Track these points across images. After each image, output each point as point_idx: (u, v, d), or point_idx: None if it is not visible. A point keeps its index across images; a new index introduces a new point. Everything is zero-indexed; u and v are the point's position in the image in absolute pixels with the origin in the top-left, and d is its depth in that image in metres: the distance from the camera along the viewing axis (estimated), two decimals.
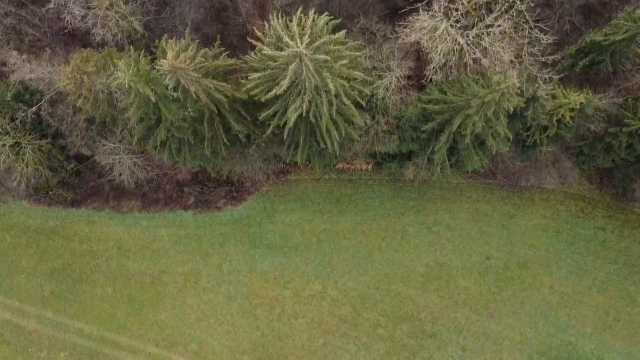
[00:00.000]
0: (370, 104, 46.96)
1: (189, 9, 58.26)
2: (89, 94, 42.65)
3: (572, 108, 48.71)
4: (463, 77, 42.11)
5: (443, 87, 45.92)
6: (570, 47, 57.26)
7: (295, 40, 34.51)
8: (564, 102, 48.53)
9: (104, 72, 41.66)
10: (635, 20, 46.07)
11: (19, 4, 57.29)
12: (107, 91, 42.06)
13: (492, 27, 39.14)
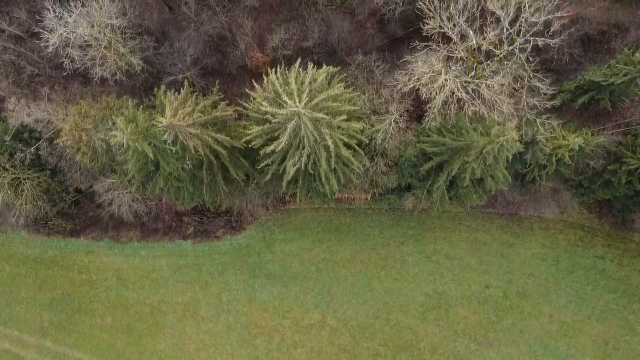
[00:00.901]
0: (369, 147, 46.91)
1: (188, 44, 58.27)
2: (88, 149, 42.63)
3: (572, 149, 48.61)
4: (462, 123, 42.07)
5: (442, 130, 45.88)
6: (569, 82, 57.29)
7: (294, 99, 34.45)
8: (563, 144, 48.46)
9: (102, 127, 41.60)
10: (635, 64, 46.00)
11: (17, 39, 57.28)
12: (106, 146, 42.07)
13: (491, 80, 39.05)
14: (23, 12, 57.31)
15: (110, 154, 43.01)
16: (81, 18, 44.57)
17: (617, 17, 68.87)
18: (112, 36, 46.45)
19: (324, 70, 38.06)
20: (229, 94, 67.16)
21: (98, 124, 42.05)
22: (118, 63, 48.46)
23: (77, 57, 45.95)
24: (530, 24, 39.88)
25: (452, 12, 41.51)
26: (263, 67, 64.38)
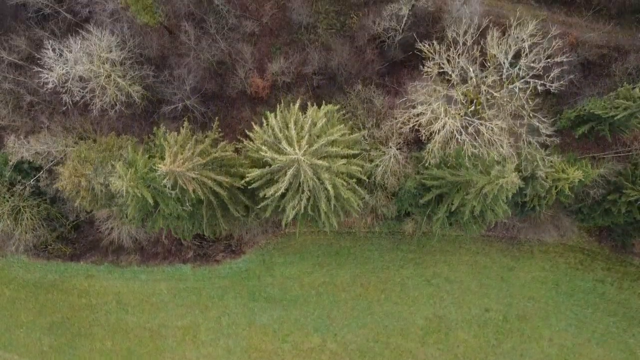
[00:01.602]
0: (369, 181, 46.87)
1: (188, 71, 58.19)
2: (87, 194, 42.63)
3: (571, 182, 48.57)
4: (461, 160, 42.00)
5: (441, 165, 45.82)
6: (569, 110, 57.24)
7: (293, 145, 34.40)
8: (563, 177, 48.41)
9: (101, 170, 41.60)
10: (635, 98, 45.94)
11: (16, 67, 57.23)
12: (105, 190, 42.08)
13: (490, 123, 39.03)
14: (22, 39, 57.33)
15: (109, 196, 42.98)
16: (81, 51, 44.50)
17: (617, 40, 68.95)
18: (111, 69, 46.36)
19: (323, 109, 38.04)
20: (229, 117, 67.33)
21: (97, 166, 42.01)
22: (117, 95, 48.40)
23: (76, 92, 45.87)
24: (529, 67, 39.71)
25: (452, 55, 41.39)
26: (262, 91, 64.48)
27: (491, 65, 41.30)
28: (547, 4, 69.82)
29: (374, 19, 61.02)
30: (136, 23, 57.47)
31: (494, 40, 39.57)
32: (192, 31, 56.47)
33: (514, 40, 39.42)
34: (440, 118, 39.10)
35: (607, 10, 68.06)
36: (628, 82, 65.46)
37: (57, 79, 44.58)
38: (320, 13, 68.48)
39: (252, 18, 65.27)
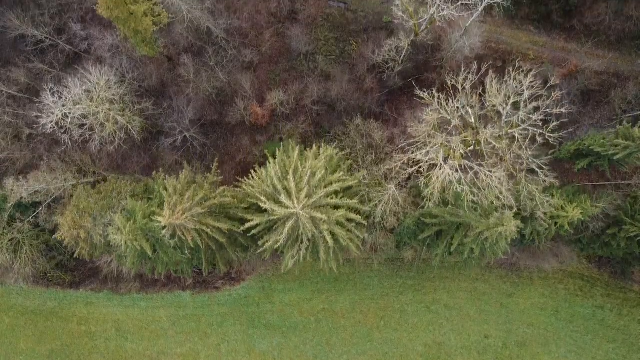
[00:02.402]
0: (368, 221, 46.84)
1: (187, 102, 58.15)
2: (86, 245, 42.62)
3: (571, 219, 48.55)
4: (461, 203, 41.96)
5: (440, 204, 45.74)
6: (568, 143, 57.15)
7: (292, 199, 34.36)
8: (562, 215, 48.38)
9: (100, 220, 41.59)
10: (634, 139, 45.88)
11: (15, 100, 57.18)
12: (105, 241, 42.03)
13: (489, 172, 39.01)
14: (21, 72, 57.27)
15: (108, 245, 42.95)
16: (80, 90, 44.43)
17: (616, 66, 68.89)
18: (109, 108, 46.31)
19: (323, 153, 37.93)
20: (228, 145, 67.21)
21: (96, 216, 41.99)
22: (116, 132, 48.37)
23: (75, 132, 45.80)
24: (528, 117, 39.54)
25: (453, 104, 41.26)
26: (262, 119, 64.38)
27: (490, 112, 41.24)
28: (546, 31, 69.84)
29: (374, 49, 60.99)
30: (135, 54, 57.41)
31: (493, 89, 39.48)
32: (191, 64, 56.43)
33: (512, 91, 39.34)
34: (439, 164, 39.05)
35: (607, 37, 68.04)
36: (624, 106, 65.93)
37: (56, 122, 44.48)
38: (320, 40, 68.50)
39: (252, 46, 65.19)
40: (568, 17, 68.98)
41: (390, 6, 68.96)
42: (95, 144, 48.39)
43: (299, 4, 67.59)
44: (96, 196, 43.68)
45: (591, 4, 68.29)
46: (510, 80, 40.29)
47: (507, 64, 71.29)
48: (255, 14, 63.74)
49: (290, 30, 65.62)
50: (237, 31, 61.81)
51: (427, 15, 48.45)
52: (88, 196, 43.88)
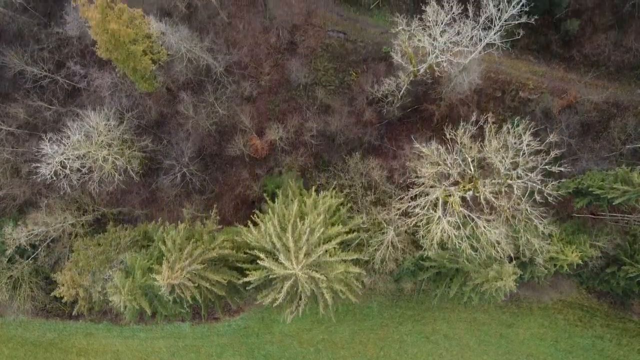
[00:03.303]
0: (367, 266, 46.85)
1: (186, 137, 58.17)
2: (85, 302, 42.63)
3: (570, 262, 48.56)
4: (460, 252, 41.94)
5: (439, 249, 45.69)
6: (568, 180, 57.06)
7: (291, 259, 34.37)
8: (561, 258, 48.38)
9: (99, 276, 41.60)
10: (633, 184, 45.84)
11: (14, 136, 57.21)
12: (104, 298, 42.01)
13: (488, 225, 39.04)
14: (20, 107, 57.31)
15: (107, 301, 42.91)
16: (78, 137, 44.48)
17: (615, 96, 68.84)
18: (108, 152, 46.36)
19: (321, 212, 37.91)
20: (228, 177, 67.12)
21: (95, 272, 42.00)
22: (115, 175, 48.42)
23: (74, 177, 45.81)
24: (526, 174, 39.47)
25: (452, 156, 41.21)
26: (261, 152, 64.39)
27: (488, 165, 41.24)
28: (545, 60, 69.82)
29: (373, 83, 60.99)
30: (134, 91, 57.47)
31: (491, 147, 39.45)
32: (189, 100, 56.44)
33: (511, 146, 39.34)
34: (437, 217, 39.07)
35: (606, 68, 68.03)
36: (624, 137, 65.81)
37: (54, 171, 44.50)
38: (319, 70, 68.57)
39: (251, 76, 65.18)
40: (567, 47, 69.01)
41: (389, 37, 69.38)
42: (95, 186, 48.41)
43: (299, 35, 67.65)
44: (95, 249, 43.65)
45: (590, 34, 68.35)
46: (509, 137, 40.24)
47: (506, 94, 71.55)
48: (255, 46, 63.77)
49: (290, 61, 65.68)
50: (236, 65, 61.81)
51: (426, 62, 48.40)
52: (87, 248, 43.85)
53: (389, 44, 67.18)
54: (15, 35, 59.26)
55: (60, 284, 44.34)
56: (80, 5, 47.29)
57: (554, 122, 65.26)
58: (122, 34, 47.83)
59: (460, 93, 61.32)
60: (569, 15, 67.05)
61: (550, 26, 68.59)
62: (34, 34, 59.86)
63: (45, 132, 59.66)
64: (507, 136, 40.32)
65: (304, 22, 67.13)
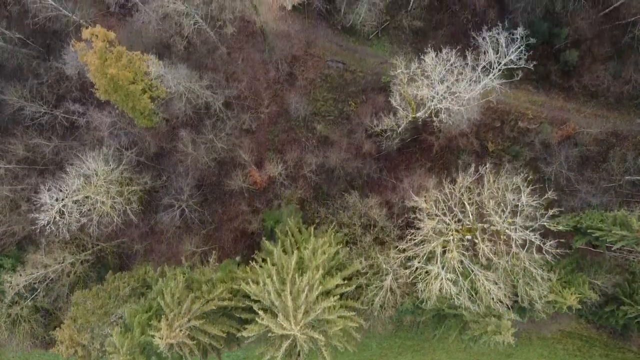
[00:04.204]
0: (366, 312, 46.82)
1: (186, 174, 58.17)
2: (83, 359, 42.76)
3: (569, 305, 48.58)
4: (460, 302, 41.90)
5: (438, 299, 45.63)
6: (567, 216, 57.11)
7: (290, 319, 34.39)
8: (560, 301, 48.38)
9: (99, 332, 41.65)
10: (631, 229, 45.85)
11: (13, 173, 57.21)
12: (102, 355, 42.04)
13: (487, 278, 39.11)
14: (20, 144, 57.30)
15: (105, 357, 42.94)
16: (76, 186, 44.53)
17: (615, 125, 68.90)
18: (107, 196, 46.43)
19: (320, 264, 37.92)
20: (227, 209, 67.12)
21: (94, 328, 42.03)
22: (115, 218, 48.47)
23: (73, 221, 45.82)
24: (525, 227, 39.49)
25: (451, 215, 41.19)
26: (260, 184, 64.40)
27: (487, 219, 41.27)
28: (545, 90, 69.85)
29: (372, 118, 60.98)
30: (133, 127, 57.51)
31: (490, 204, 39.46)
32: (188, 137, 56.43)
33: (509, 203, 39.40)
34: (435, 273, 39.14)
35: (605, 99, 68.09)
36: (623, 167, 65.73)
37: (52, 218, 44.55)
38: (318, 100, 68.62)
39: (251, 108, 65.15)
40: (566, 77, 69.03)
41: (388, 67, 69.34)
42: (94, 228, 48.45)
43: (298, 65, 67.65)
44: (94, 302, 43.62)
45: (589, 64, 68.35)
46: (508, 194, 40.23)
47: (505, 124, 71.54)
48: (254, 79, 63.78)
49: (289, 92, 65.72)
50: (235, 98, 61.85)
51: (425, 108, 48.44)
52: (85, 301, 43.84)
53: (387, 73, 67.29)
54: (14, 70, 59.24)
55: (59, 341, 44.42)
56: (79, 50, 47.34)
57: (553, 154, 65.32)
58: (121, 77, 47.84)
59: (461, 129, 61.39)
60: (568, 46, 67.11)
61: (550, 56, 68.64)
62: (33, 68, 59.90)
63: (45, 166, 60.01)
64: (506, 192, 40.34)
65: (303, 53, 67.12)
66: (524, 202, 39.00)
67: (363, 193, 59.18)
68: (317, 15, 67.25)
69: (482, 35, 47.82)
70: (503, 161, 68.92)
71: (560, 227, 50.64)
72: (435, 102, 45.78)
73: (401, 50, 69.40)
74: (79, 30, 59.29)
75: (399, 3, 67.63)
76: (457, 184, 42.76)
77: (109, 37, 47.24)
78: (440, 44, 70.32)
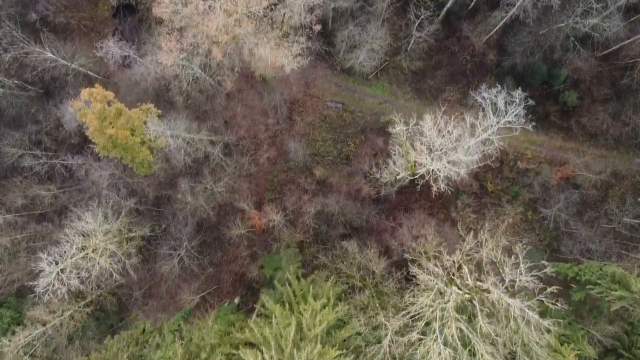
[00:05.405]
0: None
1: (185, 223, 58.28)
2: None
3: None
4: None
5: None
6: (565, 265, 57.14)
7: None
8: (560, 358, 48.47)
9: None
10: (630, 289, 45.94)
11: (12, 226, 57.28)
12: None
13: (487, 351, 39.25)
14: (18, 194, 57.35)
15: None
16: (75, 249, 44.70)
17: (614, 165, 68.94)
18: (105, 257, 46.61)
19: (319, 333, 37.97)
20: (226, 253, 67.15)
21: None
22: (114, 275, 48.61)
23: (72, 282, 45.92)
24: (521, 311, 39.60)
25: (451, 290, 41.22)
26: (259, 228, 64.47)
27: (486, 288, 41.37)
28: (544, 129, 69.91)
29: (371, 165, 61.08)
30: (133, 174, 57.58)
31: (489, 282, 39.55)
32: (188, 186, 56.53)
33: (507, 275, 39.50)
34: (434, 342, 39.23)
35: (605, 140, 68.15)
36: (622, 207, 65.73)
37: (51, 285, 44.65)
38: (317, 140, 68.70)
39: (250, 153, 65.28)
40: (566, 117, 69.10)
41: (387, 107, 69.55)
42: (92, 286, 48.56)
43: (297, 107, 67.77)
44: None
45: (589, 105, 68.40)
46: (506, 268, 40.31)
47: (505, 164, 71.57)
48: (253, 125, 63.84)
49: (289, 133, 65.84)
50: (234, 144, 61.93)
51: (423, 170, 48.53)
52: None
53: (387, 113, 67.35)
54: (13, 117, 59.29)
55: None
56: (78, 110, 47.39)
57: (552, 197, 65.34)
58: (120, 136, 47.93)
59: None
60: (567, 88, 67.17)
61: (549, 97, 68.76)
62: (32, 115, 59.92)
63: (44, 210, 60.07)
64: (505, 267, 40.42)
65: (302, 94, 67.20)
66: (523, 279, 39.09)
67: (361, 238, 59.22)
68: (317, 56, 67.32)
69: (481, 94, 47.90)
70: (502, 201, 69.04)
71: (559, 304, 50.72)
72: (435, 171, 46.07)
73: (400, 90, 69.56)
74: (78, 76, 59.61)
75: (398, 44, 67.65)
76: (455, 255, 42.85)
77: (108, 98, 47.33)
78: (439, 83, 70.85)
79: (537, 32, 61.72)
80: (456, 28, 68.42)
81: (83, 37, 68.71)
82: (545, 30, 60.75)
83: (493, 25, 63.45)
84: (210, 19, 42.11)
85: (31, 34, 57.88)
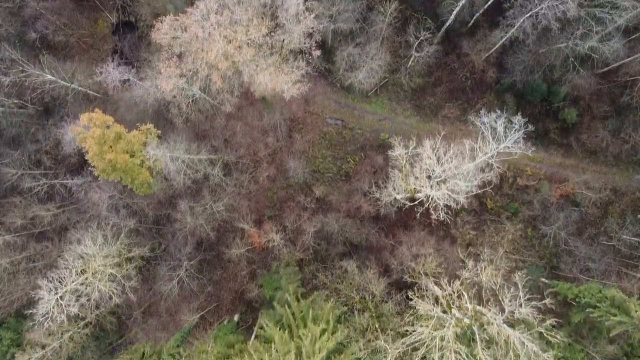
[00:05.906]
0: None
1: (185, 243, 58.27)
2: None
3: None
4: None
5: None
6: (565, 285, 57.22)
7: None
8: None
9: None
10: (629, 315, 45.94)
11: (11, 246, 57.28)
12: None
13: None
14: (18, 214, 57.31)
15: None
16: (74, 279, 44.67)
17: (613, 181, 68.94)
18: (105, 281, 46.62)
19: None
20: (225, 271, 67.12)
21: None
22: (114, 298, 48.58)
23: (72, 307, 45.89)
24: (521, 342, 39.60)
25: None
26: (259, 246, 64.45)
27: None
28: (544, 146, 69.94)
29: (371, 184, 61.08)
30: (132, 194, 57.57)
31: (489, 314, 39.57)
32: (187, 207, 56.49)
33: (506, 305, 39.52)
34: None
35: (605, 157, 68.15)
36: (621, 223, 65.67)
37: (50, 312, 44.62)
38: (317, 157, 68.70)
39: (250, 172, 65.24)
40: (565, 133, 69.11)
41: (386, 124, 69.57)
42: (92, 309, 48.54)
43: (296, 125, 67.77)
44: None
45: (589, 122, 68.42)
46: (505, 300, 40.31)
47: (504, 181, 71.59)
48: (253, 144, 63.81)
49: (288, 151, 65.79)
50: (234, 164, 61.91)
51: (423, 195, 48.54)
52: None
53: (386, 130, 67.38)
54: (13, 137, 59.26)
55: None
56: (77, 134, 47.38)
57: (552, 215, 65.30)
58: (119, 160, 47.92)
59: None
60: (567, 105, 67.17)
61: (549, 114, 68.78)
62: (32, 134, 59.89)
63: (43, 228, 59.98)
64: (504, 297, 40.42)
65: (302, 112, 67.19)
66: (522, 312, 39.11)
67: (361, 256, 59.23)
68: (316, 74, 67.31)
69: (481, 119, 47.92)
70: (502, 218, 69.03)
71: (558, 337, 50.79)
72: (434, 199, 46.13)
73: (400, 107, 69.57)
74: (77, 96, 59.57)
75: (398, 62, 67.66)
76: (454, 285, 42.87)
77: (107, 122, 47.32)
78: (439, 100, 70.83)
79: (537, 51, 61.73)
80: (456, 45, 68.47)
81: (83, 53, 68.75)
82: (544, 49, 60.75)
83: (493, 44, 63.45)
84: (209, 46, 42.11)
85: (30, 54, 57.88)
